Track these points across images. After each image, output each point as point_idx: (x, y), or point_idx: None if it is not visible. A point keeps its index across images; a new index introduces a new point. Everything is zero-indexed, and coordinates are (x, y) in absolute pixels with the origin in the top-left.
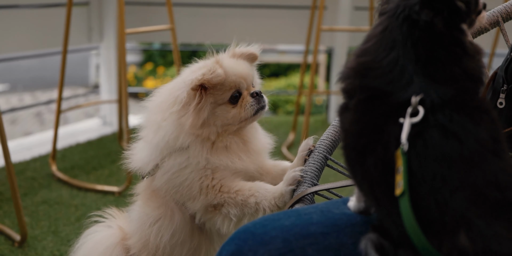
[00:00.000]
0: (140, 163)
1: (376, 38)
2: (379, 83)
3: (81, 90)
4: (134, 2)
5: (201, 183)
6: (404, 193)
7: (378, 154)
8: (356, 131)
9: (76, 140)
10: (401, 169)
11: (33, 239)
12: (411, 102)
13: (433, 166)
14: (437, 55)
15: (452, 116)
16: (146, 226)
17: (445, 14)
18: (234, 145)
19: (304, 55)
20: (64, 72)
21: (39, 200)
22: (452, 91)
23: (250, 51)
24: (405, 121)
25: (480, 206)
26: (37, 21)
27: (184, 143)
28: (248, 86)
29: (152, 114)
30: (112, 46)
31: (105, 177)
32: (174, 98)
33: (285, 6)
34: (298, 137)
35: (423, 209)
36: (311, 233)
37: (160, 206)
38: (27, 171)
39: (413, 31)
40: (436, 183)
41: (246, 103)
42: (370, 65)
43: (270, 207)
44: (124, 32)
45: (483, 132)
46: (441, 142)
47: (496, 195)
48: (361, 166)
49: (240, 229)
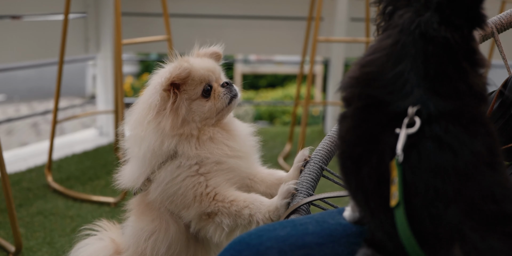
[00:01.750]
0: (130, 179)
1: (385, 51)
2: (379, 93)
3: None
4: (131, 12)
5: (195, 191)
6: (399, 204)
7: (373, 164)
8: (352, 139)
9: (72, 151)
10: (396, 180)
11: (28, 250)
12: (407, 113)
13: (427, 177)
14: (446, 70)
15: (448, 128)
16: (141, 241)
17: (465, 31)
18: (218, 135)
19: (301, 66)
20: (61, 82)
21: (35, 211)
22: (451, 105)
23: (213, 50)
24: (401, 132)
25: (475, 219)
26: (34, 31)
27: (170, 146)
28: (217, 79)
29: (132, 130)
30: (109, 56)
31: (101, 188)
32: (148, 106)
33: (281, 17)
34: (295, 148)
35: (417, 222)
36: (306, 244)
37: (154, 219)
38: (22, 181)
39: (427, 47)
40: (429, 195)
41: (219, 93)
42: (374, 76)
43: (264, 220)
44: (121, 42)
45: (479, 145)
46: (436, 154)
47: (492, 208)
48: (356, 176)
49: (235, 239)
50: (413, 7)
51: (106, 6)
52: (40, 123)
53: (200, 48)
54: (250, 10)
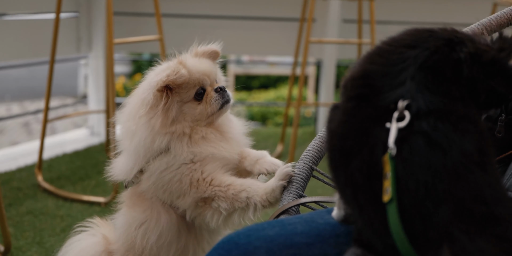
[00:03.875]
0: (122, 171)
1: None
2: (373, 81)
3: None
4: (123, 12)
5: (191, 177)
6: (392, 200)
7: (364, 157)
8: (342, 132)
9: (63, 150)
10: (389, 174)
11: (17, 250)
12: (397, 106)
13: (418, 173)
14: (445, 72)
15: (437, 125)
16: (132, 229)
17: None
18: (211, 135)
19: (293, 67)
20: (52, 82)
21: (24, 210)
22: (440, 101)
23: (212, 49)
24: (392, 126)
25: (465, 221)
26: (25, 30)
27: (162, 143)
28: (211, 83)
29: (125, 123)
30: (101, 56)
31: (91, 188)
32: (141, 101)
33: (274, 18)
34: (287, 149)
35: (407, 221)
36: (295, 244)
37: (146, 210)
38: (12, 181)
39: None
40: (420, 192)
41: (211, 98)
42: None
43: (262, 202)
44: (113, 42)
45: (468, 143)
46: (426, 150)
47: (482, 209)
48: (345, 169)
49: (224, 239)
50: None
51: (98, 6)
52: (31, 123)
53: (199, 46)
54: (242, 10)
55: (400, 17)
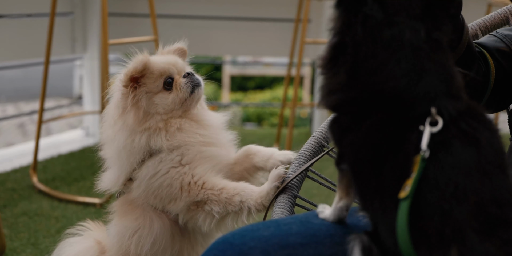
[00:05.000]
0: (111, 180)
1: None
2: (391, 90)
3: (64, 101)
4: (118, 13)
5: (182, 181)
6: (407, 197)
7: (399, 161)
8: (370, 152)
9: (58, 151)
10: (414, 174)
11: (12, 251)
12: (431, 112)
13: (451, 173)
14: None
15: (473, 124)
16: (125, 238)
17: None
18: (186, 125)
19: (288, 67)
20: (46, 82)
21: (19, 211)
22: (463, 104)
23: (178, 46)
24: (425, 129)
25: (480, 221)
26: (20, 31)
27: (141, 141)
28: (179, 71)
29: (105, 132)
30: (96, 56)
31: (86, 189)
32: (115, 106)
33: (269, 18)
34: (282, 149)
35: (426, 218)
36: (290, 244)
37: (138, 217)
38: (7, 182)
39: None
40: (448, 190)
41: (180, 84)
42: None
43: (256, 206)
44: (108, 42)
45: (499, 144)
46: (463, 149)
47: (497, 211)
48: (377, 177)
49: (218, 239)
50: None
51: (93, 6)
52: (26, 124)
53: (164, 47)
54: (238, 11)
55: None
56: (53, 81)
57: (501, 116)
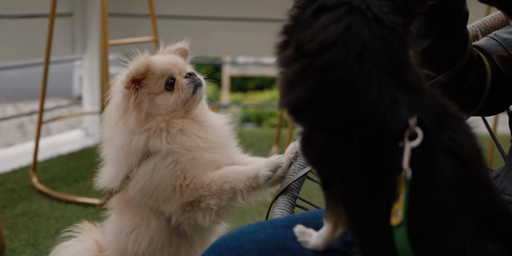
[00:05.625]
0: (108, 179)
1: (340, 41)
2: (364, 111)
3: (64, 101)
4: (118, 13)
5: (174, 183)
6: (402, 224)
7: (383, 181)
8: (359, 174)
9: (58, 152)
10: (402, 197)
11: (12, 251)
12: (409, 125)
13: (447, 193)
14: (410, 69)
15: (452, 136)
16: (123, 236)
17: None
18: (188, 126)
19: None
20: (46, 83)
21: (19, 212)
22: (437, 112)
23: (179, 46)
24: (406, 146)
25: (483, 226)
26: (20, 31)
27: (139, 142)
28: (181, 71)
29: (105, 133)
30: (96, 57)
31: (86, 189)
32: (115, 107)
33: (269, 19)
34: (282, 150)
35: (424, 248)
36: (287, 247)
37: (135, 216)
38: (7, 182)
39: (385, 34)
40: (439, 216)
41: (182, 84)
42: (342, 83)
43: (246, 188)
44: (107, 43)
45: (477, 150)
46: (450, 166)
47: (493, 210)
48: (365, 199)
49: (215, 241)
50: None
51: (93, 7)
52: (26, 124)
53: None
54: (237, 12)
55: None
56: (53, 82)
57: (501, 117)
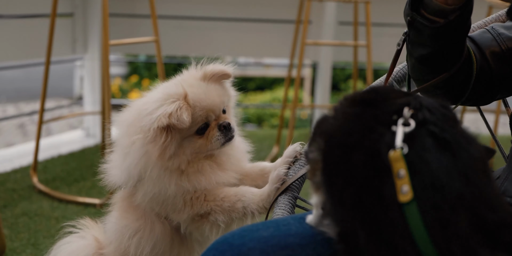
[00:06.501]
0: (118, 180)
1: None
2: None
3: (65, 101)
4: (119, 13)
5: (184, 197)
6: (412, 200)
7: (368, 151)
8: (344, 130)
9: (58, 152)
10: (403, 172)
11: (12, 251)
12: (403, 113)
13: (434, 170)
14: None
15: (444, 127)
16: (125, 238)
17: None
18: (207, 167)
19: (289, 68)
20: (47, 83)
21: (19, 212)
22: (441, 112)
23: (223, 72)
24: (398, 127)
25: (482, 232)
26: (21, 31)
27: (153, 174)
28: (217, 116)
29: (122, 135)
30: (96, 57)
31: (86, 189)
32: (140, 125)
33: (270, 20)
34: (282, 151)
35: (427, 227)
36: (289, 245)
37: (139, 218)
38: (7, 182)
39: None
40: (438, 193)
41: (213, 136)
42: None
43: (258, 209)
44: (108, 43)
45: (474, 150)
46: (436, 149)
47: (494, 217)
48: (346, 166)
49: (218, 240)
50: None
51: (94, 7)
52: (26, 124)
53: (211, 62)
54: (238, 12)
55: (396, 20)
56: (53, 82)
57: (502, 118)
